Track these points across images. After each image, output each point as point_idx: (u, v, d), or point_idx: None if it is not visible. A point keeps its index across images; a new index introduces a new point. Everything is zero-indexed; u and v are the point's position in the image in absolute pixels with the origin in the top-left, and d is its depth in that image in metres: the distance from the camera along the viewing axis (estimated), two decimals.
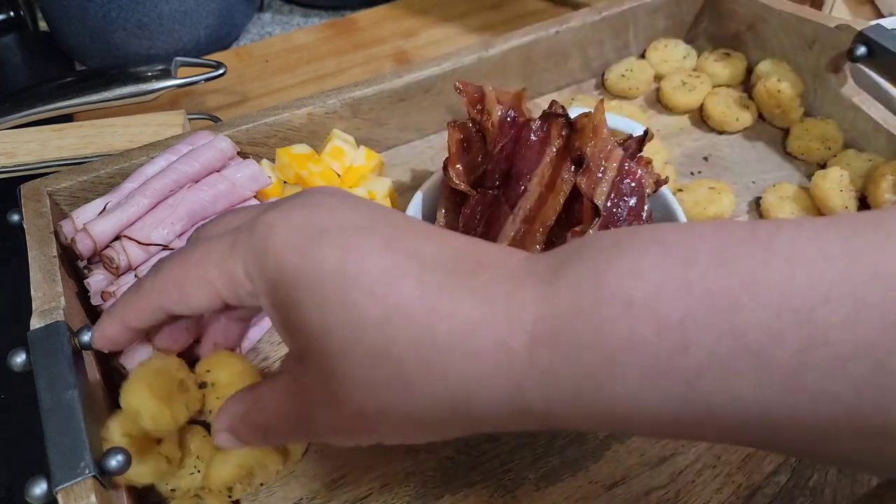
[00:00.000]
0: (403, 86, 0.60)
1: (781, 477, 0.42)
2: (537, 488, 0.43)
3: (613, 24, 0.66)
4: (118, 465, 0.37)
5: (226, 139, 0.54)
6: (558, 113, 0.48)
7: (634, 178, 0.46)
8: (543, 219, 0.47)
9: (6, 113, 0.62)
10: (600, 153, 0.46)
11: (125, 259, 0.48)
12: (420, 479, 0.44)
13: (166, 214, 0.49)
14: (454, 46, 0.67)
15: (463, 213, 0.48)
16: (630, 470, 0.43)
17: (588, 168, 0.46)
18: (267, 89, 0.73)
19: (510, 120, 0.49)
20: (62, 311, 0.44)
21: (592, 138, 0.46)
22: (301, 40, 0.79)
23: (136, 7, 0.71)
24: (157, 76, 0.62)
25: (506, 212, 0.48)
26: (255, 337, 0.51)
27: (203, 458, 0.41)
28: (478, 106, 0.50)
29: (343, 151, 0.58)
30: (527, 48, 0.64)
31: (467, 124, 0.51)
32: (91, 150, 0.59)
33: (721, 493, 0.42)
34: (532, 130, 0.49)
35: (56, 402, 0.39)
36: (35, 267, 0.47)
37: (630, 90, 0.66)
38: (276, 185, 0.57)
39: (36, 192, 0.52)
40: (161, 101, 0.64)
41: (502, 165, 0.49)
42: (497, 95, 0.50)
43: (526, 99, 0.51)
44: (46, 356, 0.41)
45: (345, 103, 0.59)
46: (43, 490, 0.36)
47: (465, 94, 0.50)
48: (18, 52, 0.81)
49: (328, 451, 0.45)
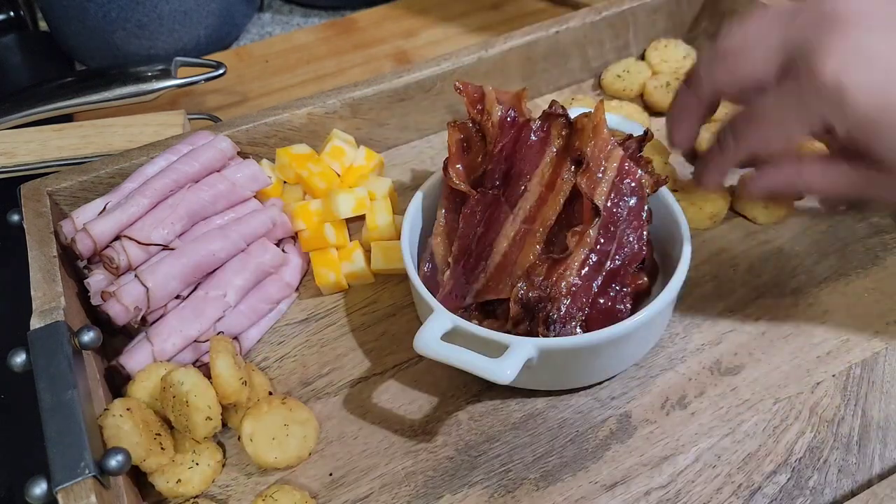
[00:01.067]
0: (403, 86, 0.60)
1: (781, 477, 0.43)
2: (537, 488, 0.43)
3: (613, 24, 0.66)
4: (118, 465, 0.37)
5: (226, 139, 0.54)
6: (558, 113, 0.48)
7: (634, 178, 0.46)
8: (543, 219, 0.47)
9: (6, 113, 0.62)
10: (600, 153, 0.46)
11: (125, 259, 0.48)
12: (420, 479, 0.44)
13: (166, 214, 0.49)
14: (454, 46, 0.67)
15: (463, 213, 0.48)
16: (630, 470, 0.43)
17: (588, 168, 0.46)
18: (267, 89, 0.73)
19: (510, 120, 0.49)
20: (62, 311, 0.44)
21: (592, 138, 0.46)
22: (301, 40, 0.79)
23: (136, 7, 0.71)
24: (157, 76, 0.62)
25: (506, 212, 0.48)
26: (255, 337, 0.51)
27: (199, 452, 0.43)
28: (478, 106, 0.50)
29: (343, 151, 0.58)
30: (527, 48, 0.64)
31: (467, 124, 0.51)
32: (91, 150, 0.59)
33: (721, 493, 0.42)
34: (532, 130, 0.49)
35: (56, 402, 0.39)
36: (35, 267, 0.47)
37: (625, 91, 0.66)
38: (276, 185, 0.57)
39: (36, 192, 0.52)
40: (161, 101, 0.64)
41: (502, 165, 0.49)
42: (497, 95, 0.50)
43: (526, 99, 0.51)
44: (46, 356, 0.41)
45: (345, 103, 0.59)
46: (43, 490, 0.36)
47: (465, 93, 0.50)
48: (18, 52, 0.81)
49: (328, 451, 0.45)
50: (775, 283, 0.52)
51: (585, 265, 0.45)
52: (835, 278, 0.52)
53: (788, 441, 0.44)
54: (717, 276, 0.53)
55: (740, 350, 0.49)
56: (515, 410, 0.46)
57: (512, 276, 0.46)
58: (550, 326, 0.43)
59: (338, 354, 0.50)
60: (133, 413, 0.41)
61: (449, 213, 0.50)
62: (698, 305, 0.51)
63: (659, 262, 0.51)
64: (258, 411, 0.44)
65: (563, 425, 0.46)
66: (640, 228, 0.46)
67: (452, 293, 0.47)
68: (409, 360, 0.49)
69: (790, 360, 0.48)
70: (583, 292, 0.44)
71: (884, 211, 0.55)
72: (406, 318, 0.52)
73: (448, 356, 0.41)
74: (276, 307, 0.52)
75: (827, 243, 0.54)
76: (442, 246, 0.49)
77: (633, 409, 0.46)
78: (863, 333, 0.49)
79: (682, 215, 0.48)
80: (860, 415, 0.45)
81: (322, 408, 0.47)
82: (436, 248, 0.49)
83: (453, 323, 0.43)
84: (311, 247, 0.54)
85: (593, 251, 0.45)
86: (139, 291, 0.47)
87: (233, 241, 0.50)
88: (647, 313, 0.43)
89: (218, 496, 0.43)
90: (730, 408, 0.46)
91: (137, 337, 0.48)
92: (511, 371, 0.40)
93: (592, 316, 0.45)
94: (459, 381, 0.48)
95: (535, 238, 0.46)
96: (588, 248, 0.45)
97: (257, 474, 0.44)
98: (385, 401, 0.47)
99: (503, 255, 0.47)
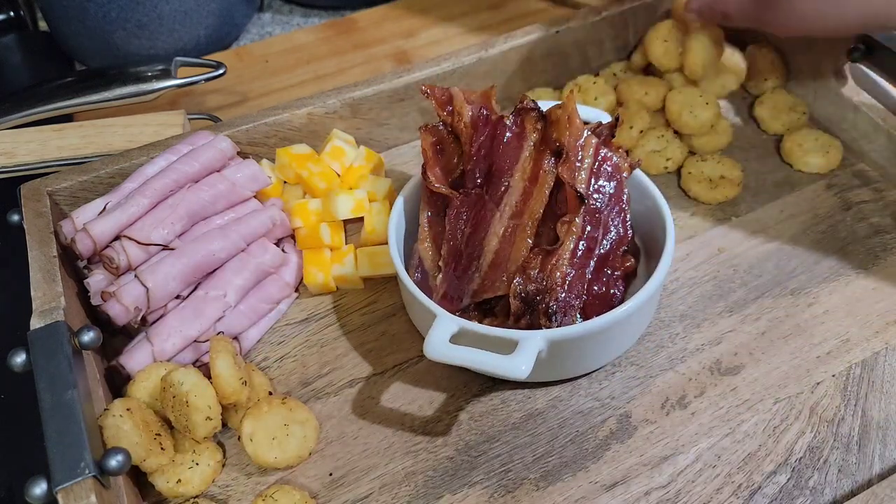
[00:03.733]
0: (403, 86, 0.60)
1: (781, 477, 0.43)
2: (537, 488, 0.43)
3: (613, 23, 0.66)
4: (118, 465, 0.37)
5: (226, 139, 0.54)
6: (530, 107, 0.49)
7: (611, 163, 0.48)
8: (531, 212, 0.47)
9: (6, 113, 0.62)
10: (577, 142, 0.47)
11: (125, 259, 0.48)
12: (420, 479, 0.44)
13: (166, 214, 0.49)
14: (454, 46, 0.67)
15: (448, 215, 0.48)
16: (630, 470, 0.43)
17: (567, 158, 0.46)
18: (267, 89, 0.73)
19: (483, 118, 0.50)
20: (62, 311, 0.44)
21: (568, 128, 0.47)
22: (301, 40, 0.79)
23: (136, 7, 0.71)
24: (157, 76, 0.62)
25: (491, 209, 0.48)
26: (254, 337, 0.51)
27: (199, 452, 0.43)
28: (447, 108, 0.51)
29: (343, 151, 0.58)
30: (527, 48, 0.64)
31: (438, 127, 0.51)
32: (91, 150, 0.59)
33: (721, 493, 0.42)
34: (507, 127, 0.49)
35: (56, 402, 0.39)
36: (35, 267, 0.47)
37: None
38: (276, 185, 0.57)
39: (36, 192, 0.52)
40: (161, 101, 0.64)
41: (482, 164, 0.49)
42: (465, 95, 0.51)
43: (495, 96, 0.51)
44: (46, 356, 0.41)
45: (345, 103, 0.59)
46: (43, 490, 0.36)
47: (433, 97, 0.51)
48: (18, 52, 0.81)
49: (328, 451, 0.45)
50: (775, 283, 0.52)
51: (576, 253, 0.45)
52: (835, 278, 0.52)
53: (788, 441, 0.44)
54: (717, 276, 0.53)
55: (740, 350, 0.49)
56: (515, 410, 0.46)
57: (507, 273, 0.46)
58: (552, 317, 0.44)
59: (338, 354, 0.50)
60: (133, 413, 0.41)
61: (432, 217, 0.50)
62: (698, 305, 0.51)
63: (640, 244, 0.52)
64: (258, 411, 0.44)
65: (563, 425, 0.46)
66: (623, 211, 0.48)
67: (448, 296, 0.47)
68: (409, 361, 0.49)
69: (790, 360, 0.48)
70: (578, 280, 0.45)
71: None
72: (406, 318, 0.52)
73: (462, 358, 0.41)
74: (276, 307, 0.52)
75: (827, 243, 0.54)
76: (430, 251, 0.49)
77: (633, 409, 0.46)
78: (863, 333, 0.49)
79: (659, 195, 0.50)
80: (860, 415, 0.45)
81: (322, 408, 0.47)
82: (423, 253, 0.49)
83: (459, 325, 0.43)
84: (305, 245, 0.54)
85: (582, 238, 0.46)
86: (139, 291, 0.47)
87: (233, 241, 0.50)
88: (648, 290, 0.44)
89: (218, 496, 0.43)
90: (730, 408, 0.46)
91: (137, 337, 0.48)
92: (526, 366, 0.40)
93: (589, 302, 0.46)
94: (459, 382, 0.48)
95: (525, 232, 0.47)
96: (576, 237, 0.45)
97: (257, 474, 0.44)
98: (385, 401, 0.47)
99: (495, 252, 0.47)
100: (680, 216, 0.57)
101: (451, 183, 0.50)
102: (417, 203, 0.51)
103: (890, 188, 0.58)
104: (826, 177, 0.59)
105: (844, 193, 0.58)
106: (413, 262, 0.50)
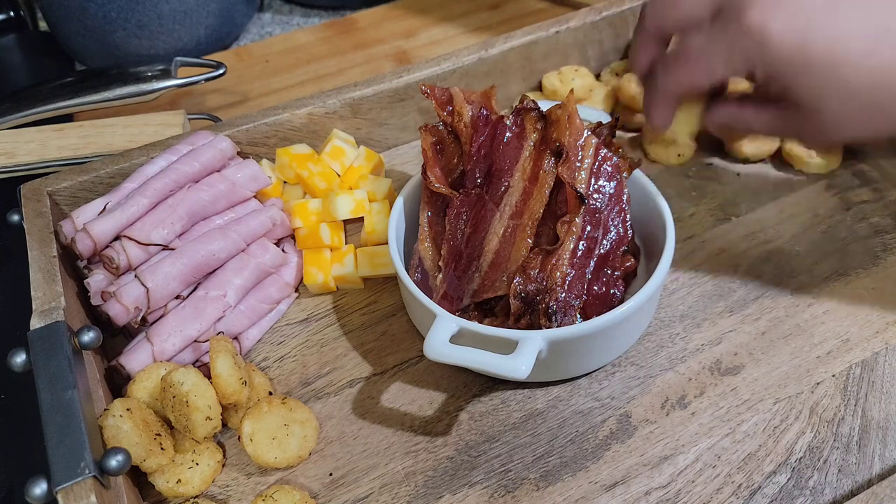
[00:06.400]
0: (403, 86, 0.60)
1: (781, 477, 0.43)
2: (537, 488, 0.43)
3: (613, 23, 0.66)
4: (118, 465, 0.37)
5: (226, 139, 0.54)
6: (530, 107, 0.49)
7: (611, 163, 0.48)
8: (531, 212, 0.47)
9: (6, 113, 0.62)
10: (577, 142, 0.47)
11: (125, 259, 0.48)
12: (420, 479, 0.44)
13: (166, 214, 0.49)
14: (454, 46, 0.67)
15: (448, 215, 0.48)
16: (630, 470, 0.43)
17: (567, 158, 0.47)
18: (267, 89, 0.73)
19: (483, 118, 0.50)
20: (62, 311, 0.44)
21: (568, 128, 0.47)
22: (301, 40, 0.79)
23: (136, 7, 0.71)
24: (157, 76, 0.62)
25: (491, 209, 0.48)
26: (254, 337, 0.51)
27: (199, 452, 0.43)
28: (447, 108, 0.51)
29: (343, 151, 0.58)
30: (527, 48, 0.64)
31: (438, 127, 0.51)
32: (91, 150, 0.59)
33: (721, 493, 0.42)
34: (507, 127, 0.49)
35: (56, 402, 0.39)
36: (35, 267, 0.47)
37: None
38: (276, 185, 0.57)
39: (36, 192, 0.52)
40: (161, 101, 0.64)
41: (482, 164, 0.49)
42: (465, 95, 0.51)
43: (495, 96, 0.51)
44: (46, 356, 0.41)
45: (345, 103, 0.59)
46: (43, 490, 0.36)
47: (432, 97, 0.51)
48: (18, 52, 0.81)
49: (328, 451, 0.45)
50: (775, 283, 0.52)
51: (576, 253, 0.45)
52: (835, 278, 0.52)
53: (788, 441, 0.44)
54: (717, 276, 0.53)
55: (740, 350, 0.49)
56: (515, 410, 0.46)
57: (507, 273, 0.46)
58: (552, 317, 0.44)
59: (338, 354, 0.50)
60: (133, 413, 0.41)
61: (432, 217, 0.50)
62: (698, 305, 0.51)
63: (640, 244, 0.52)
64: (258, 411, 0.44)
65: (563, 425, 0.46)
66: (623, 211, 0.48)
67: (448, 296, 0.47)
68: (409, 360, 0.49)
69: (790, 360, 0.48)
70: (578, 280, 0.45)
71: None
72: (406, 318, 0.52)
73: (462, 358, 0.41)
74: (276, 307, 0.52)
75: (827, 243, 0.54)
76: (430, 251, 0.49)
77: (633, 409, 0.46)
78: (863, 333, 0.49)
79: (659, 195, 0.50)
80: (860, 415, 0.45)
81: (322, 408, 0.47)
82: (423, 253, 0.49)
83: (459, 325, 0.43)
84: (305, 245, 0.54)
85: (582, 239, 0.46)
86: (139, 291, 0.47)
87: (233, 241, 0.50)
88: (648, 290, 0.44)
89: (218, 496, 0.43)
90: (730, 408, 0.46)
91: (137, 337, 0.48)
92: (526, 366, 0.40)
93: (589, 302, 0.46)
94: (459, 382, 0.48)
95: (525, 232, 0.47)
96: (576, 237, 0.45)
97: (257, 474, 0.44)
98: (385, 401, 0.47)
99: (495, 252, 0.47)
100: (680, 216, 0.57)
101: (451, 183, 0.50)
102: (417, 203, 0.51)
103: (890, 188, 0.58)
104: (826, 177, 0.59)
105: (844, 193, 0.58)
106: (413, 262, 0.50)
